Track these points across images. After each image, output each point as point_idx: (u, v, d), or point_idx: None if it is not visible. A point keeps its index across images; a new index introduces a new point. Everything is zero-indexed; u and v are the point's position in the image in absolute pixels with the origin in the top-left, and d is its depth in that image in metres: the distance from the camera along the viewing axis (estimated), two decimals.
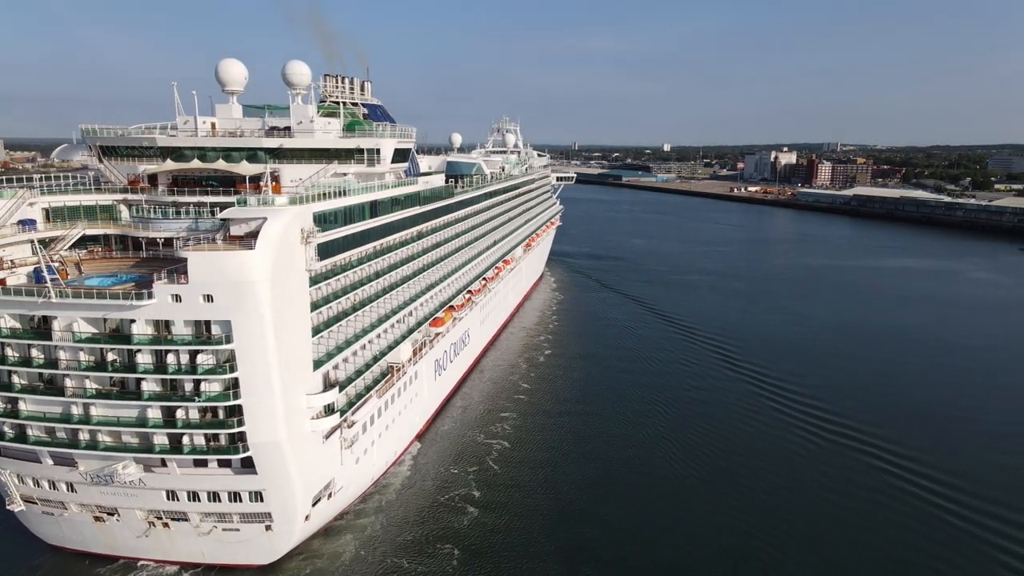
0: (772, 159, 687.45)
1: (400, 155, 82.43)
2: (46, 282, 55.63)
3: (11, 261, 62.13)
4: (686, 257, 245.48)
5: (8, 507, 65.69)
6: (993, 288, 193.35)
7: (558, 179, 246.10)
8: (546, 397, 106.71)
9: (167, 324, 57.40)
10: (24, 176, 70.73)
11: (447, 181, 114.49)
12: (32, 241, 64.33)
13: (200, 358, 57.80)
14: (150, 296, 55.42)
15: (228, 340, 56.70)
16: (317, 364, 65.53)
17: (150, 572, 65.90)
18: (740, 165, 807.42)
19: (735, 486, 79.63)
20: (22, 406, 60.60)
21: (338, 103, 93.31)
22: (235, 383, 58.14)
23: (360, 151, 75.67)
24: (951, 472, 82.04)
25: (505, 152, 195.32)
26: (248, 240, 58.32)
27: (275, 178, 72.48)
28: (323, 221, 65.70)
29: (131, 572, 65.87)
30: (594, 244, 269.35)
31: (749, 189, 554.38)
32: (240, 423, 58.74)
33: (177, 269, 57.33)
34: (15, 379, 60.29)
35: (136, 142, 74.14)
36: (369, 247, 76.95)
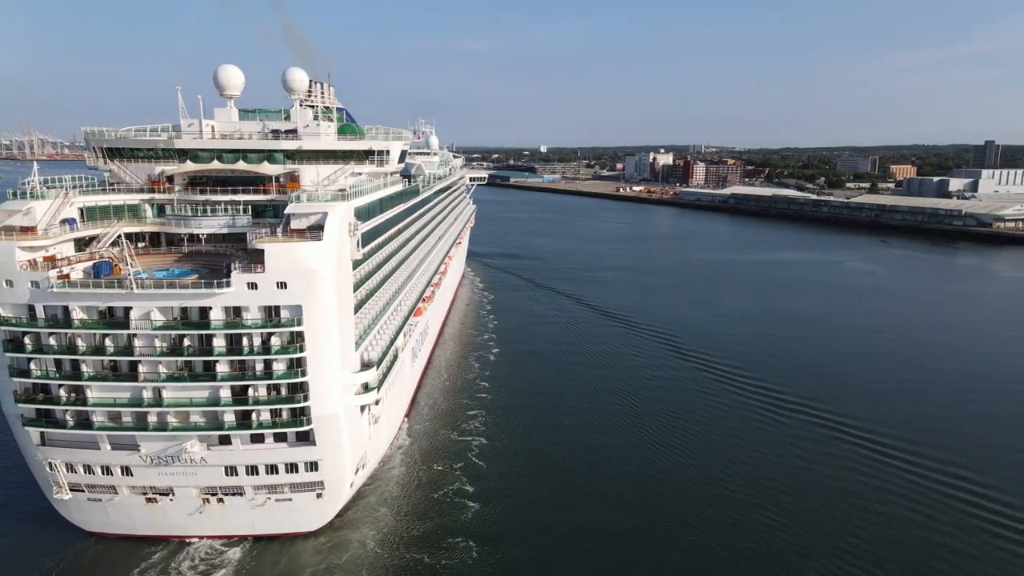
0: (651, 160, 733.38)
1: (401, 156, 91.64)
2: (128, 276, 61.73)
3: (68, 258, 66.69)
4: (593, 255, 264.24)
5: (55, 495, 69.77)
6: (871, 276, 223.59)
7: (471, 180, 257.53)
8: (507, 393, 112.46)
9: (238, 310, 64.52)
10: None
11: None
12: (75, 239, 69.38)
13: (271, 340, 65.27)
14: (228, 285, 62.63)
15: (299, 323, 64.88)
16: (356, 345, 74.16)
17: (199, 548, 71.52)
18: (619, 166, 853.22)
19: (708, 451, 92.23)
20: (89, 394, 65.38)
21: (313, 106, 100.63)
22: (300, 362, 66.19)
23: (372, 152, 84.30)
24: (871, 421, 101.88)
25: (428, 153, 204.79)
26: (309, 233, 66.54)
27: (295, 178, 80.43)
28: (359, 215, 74.50)
29: (181, 550, 71.25)
30: (504, 244, 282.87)
31: (634, 189, 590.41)
32: (306, 398, 66.90)
33: (250, 259, 64.80)
34: (83, 368, 64.91)
35: (152, 144, 79.21)
36: (381, 238, 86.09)
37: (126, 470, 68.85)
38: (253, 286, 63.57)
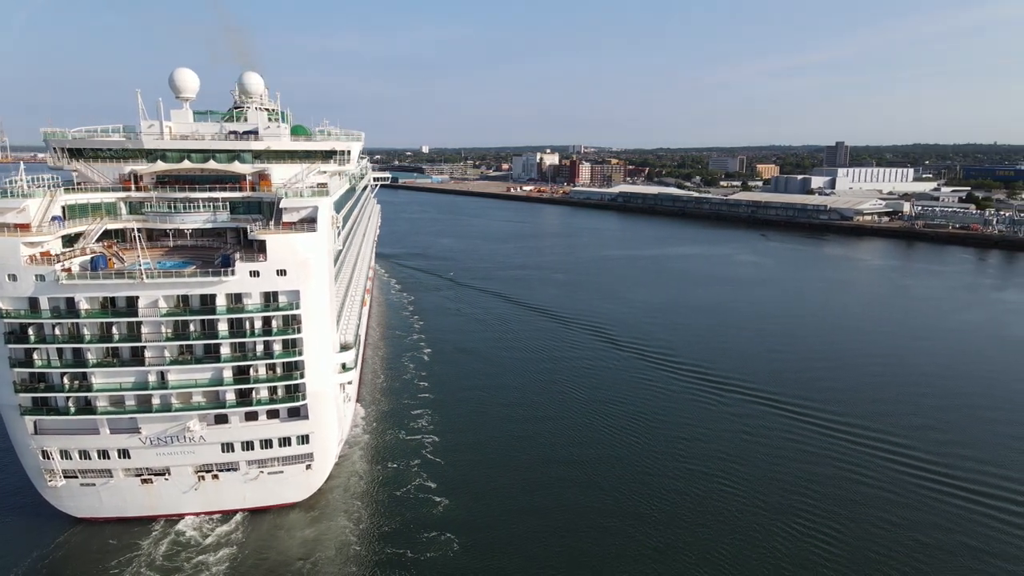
0: (538, 160, 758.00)
1: (359, 156, 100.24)
2: (138, 267, 67.94)
3: (64, 252, 71.55)
4: (499, 253, 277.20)
5: (48, 483, 74.25)
6: (758, 267, 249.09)
7: (375, 180, 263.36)
8: (448, 391, 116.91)
9: (239, 296, 71.92)
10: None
11: None
12: (63, 236, 74.10)
13: (271, 323, 73.09)
14: (232, 273, 70.13)
15: (296, 306, 73.18)
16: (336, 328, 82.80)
17: (191, 525, 77.45)
18: (506, 166, 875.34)
19: (657, 430, 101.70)
20: (93, 380, 70.74)
21: (264, 110, 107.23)
22: (296, 342, 74.48)
23: (334, 152, 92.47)
24: (784, 389, 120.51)
25: None
26: (303, 225, 74.77)
27: (265, 176, 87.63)
28: (334, 208, 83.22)
29: (172, 527, 76.87)
30: (408, 245, 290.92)
31: (524, 189, 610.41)
32: (301, 375, 75.20)
33: (248, 250, 72.39)
34: (88, 355, 70.17)
35: (121, 144, 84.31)
36: (344, 229, 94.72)
37: (123, 453, 74.33)
38: (255, 274, 71.31)
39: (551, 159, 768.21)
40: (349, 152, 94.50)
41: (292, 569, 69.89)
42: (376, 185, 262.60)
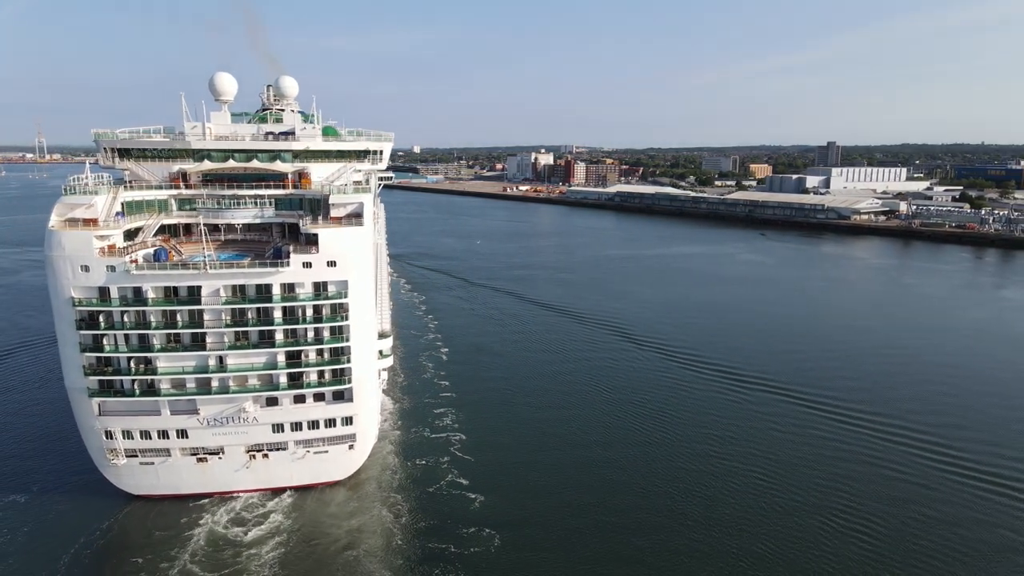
0: (532, 160, 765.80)
1: (391, 155, 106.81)
2: (203, 258, 74.53)
3: (130, 245, 77.94)
4: (503, 253, 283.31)
5: (111, 462, 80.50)
6: (761, 266, 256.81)
7: (380, 179, 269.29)
8: (471, 389, 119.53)
9: (292, 286, 78.38)
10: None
11: None
12: (125, 230, 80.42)
13: (321, 311, 79.60)
14: (287, 264, 76.62)
15: (344, 295, 79.70)
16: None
17: (242, 502, 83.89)
18: (500, 166, 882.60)
19: (685, 424, 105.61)
20: (158, 364, 77.14)
21: (282, 110, 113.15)
22: (344, 329, 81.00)
23: (368, 152, 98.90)
24: (810, 387, 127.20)
25: None
26: (348, 219, 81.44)
27: (305, 174, 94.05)
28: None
29: (225, 503, 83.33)
30: (412, 245, 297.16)
31: (520, 188, 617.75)
32: (348, 360, 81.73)
33: (300, 242, 78.98)
34: (154, 341, 76.53)
35: (167, 144, 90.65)
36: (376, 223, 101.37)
37: (182, 433, 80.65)
38: (308, 265, 77.89)
39: (546, 159, 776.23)
40: (381, 152, 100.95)
41: (341, 560, 73.51)
42: (380, 184, 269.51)
